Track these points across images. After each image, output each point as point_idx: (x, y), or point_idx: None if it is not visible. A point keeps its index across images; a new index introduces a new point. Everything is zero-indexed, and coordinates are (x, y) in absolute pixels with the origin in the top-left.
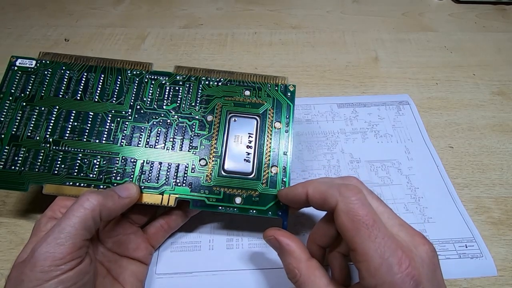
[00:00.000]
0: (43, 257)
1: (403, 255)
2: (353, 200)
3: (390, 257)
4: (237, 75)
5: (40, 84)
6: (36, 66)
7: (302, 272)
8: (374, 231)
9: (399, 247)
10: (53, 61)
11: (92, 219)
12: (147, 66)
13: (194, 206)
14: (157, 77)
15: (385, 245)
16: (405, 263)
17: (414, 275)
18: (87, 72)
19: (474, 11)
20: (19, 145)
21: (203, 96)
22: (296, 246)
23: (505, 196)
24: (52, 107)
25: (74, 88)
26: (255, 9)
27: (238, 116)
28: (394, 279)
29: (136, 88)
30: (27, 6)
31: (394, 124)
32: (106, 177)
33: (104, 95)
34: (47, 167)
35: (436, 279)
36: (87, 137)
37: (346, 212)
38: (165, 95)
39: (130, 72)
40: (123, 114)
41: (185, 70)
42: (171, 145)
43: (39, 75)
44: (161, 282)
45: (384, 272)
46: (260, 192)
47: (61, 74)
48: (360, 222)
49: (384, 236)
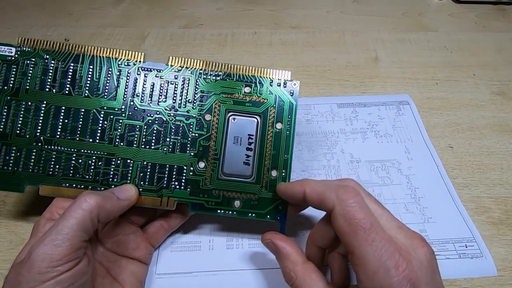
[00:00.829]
0: (40, 258)
1: (401, 258)
2: (350, 203)
3: (387, 260)
4: (236, 68)
5: (23, 76)
6: (16, 54)
7: (298, 275)
8: (372, 234)
9: (396, 250)
10: (35, 48)
11: (90, 220)
12: (139, 56)
13: (193, 210)
14: (150, 69)
15: (383, 248)
16: (402, 266)
17: (411, 277)
18: (74, 63)
19: (474, 11)
20: (9, 143)
21: (200, 92)
22: (292, 250)
23: (505, 196)
24: (39, 102)
25: (61, 81)
26: (255, 9)
27: (238, 115)
28: (391, 283)
29: (129, 82)
30: (27, 6)
31: (394, 124)
32: (103, 179)
33: (94, 90)
34: (41, 167)
35: (434, 282)
36: (79, 136)
37: (343, 215)
38: (160, 90)
39: (121, 62)
40: (116, 112)
41: (180, 61)
42: (168, 146)
43: (21, 65)
44: (161, 282)
45: (381, 275)
46: (259, 196)
47: (45, 64)
48: (357, 226)
49: (382, 239)
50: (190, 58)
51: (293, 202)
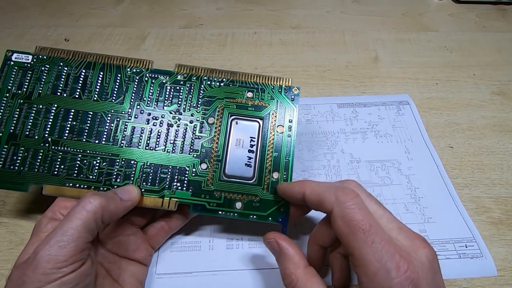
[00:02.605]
0: (46, 260)
1: (401, 259)
2: (349, 205)
3: (388, 262)
4: (239, 75)
5: (37, 81)
6: (32, 61)
7: (300, 278)
8: (371, 236)
9: (397, 251)
10: (50, 57)
11: (95, 221)
12: (148, 64)
13: (194, 211)
14: (157, 75)
15: (383, 250)
16: (403, 267)
17: (413, 278)
18: (86, 69)
19: (474, 11)
20: (17, 144)
21: (205, 97)
22: (295, 252)
23: (505, 196)
24: (50, 105)
25: (72, 86)
26: (255, 9)
27: (240, 119)
28: (392, 284)
29: (136, 87)
30: (27, 6)
31: (394, 124)
32: (106, 179)
33: (103, 94)
34: (47, 167)
35: (436, 283)
36: (86, 137)
37: (342, 217)
38: (165, 95)
39: (130, 70)
40: (123, 114)
41: (186, 69)
42: (172, 147)
43: (36, 71)
44: (161, 282)
45: (382, 277)
46: (261, 197)
47: (58, 70)
48: (356, 227)
49: (382, 241)
50: (196, 66)
51: (293, 202)
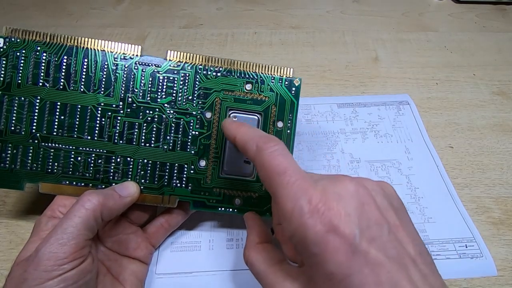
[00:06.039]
0: (47, 257)
1: (315, 192)
2: (268, 152)
3: (301, 197)
4: (237, 64)
5: (14, 69)
6: (5, 45)
7: (248, 253)
8: (286, 177)
9: (311, 185)
10: (25, 40)
11: (94, 219)
12: (136, 50)
13: (194, 207)
14: (148, 63)
15: (297, 187)
16: (315, 200)
17: (324, 210)
18: (67, 56)
19: (474, 11)
20: (4, 140)
21: (201, 89)
22: (254, 227)
23: (505, 196)
24: (33, 97)
25: (55, 75)
26: (255, 9)
27: (239, 113)
28: (305, 219)
29: (126, 77)
30: (27, 6)
31: (394, 124)
32: (104, 177)
33: (90, 85)
34: (40, 165)
35: (366, 215)
36: (77, 133)
37: (261, 165)
38: (158, 86)
39: (117, 56)
40: (114, 108)
41: (179, 56)
42: (169, 144)
43: (11, 57)
44: (161, 282)
45: (296, 214)
46: (260, 194)
47: (36, 57)
48: (272, 172)
49: (296, 180)
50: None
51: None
